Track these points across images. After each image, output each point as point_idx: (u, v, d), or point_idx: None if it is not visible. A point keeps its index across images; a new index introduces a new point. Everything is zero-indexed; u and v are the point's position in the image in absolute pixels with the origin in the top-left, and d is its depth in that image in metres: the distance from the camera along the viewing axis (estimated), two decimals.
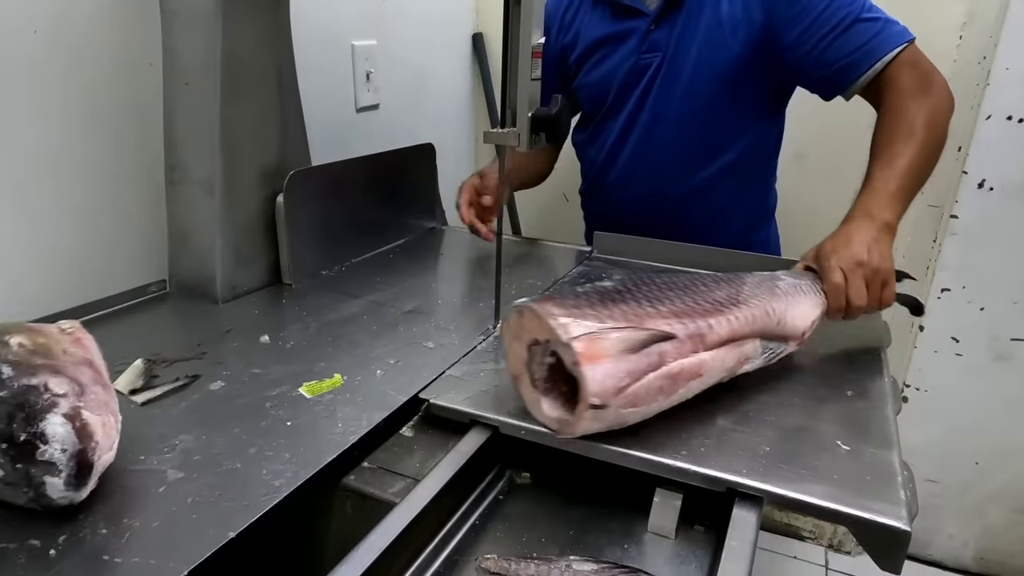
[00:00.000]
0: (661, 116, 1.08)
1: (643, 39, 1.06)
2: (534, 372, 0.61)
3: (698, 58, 1.02)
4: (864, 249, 0.77)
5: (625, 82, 1.09)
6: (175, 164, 0.88)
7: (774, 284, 0.74)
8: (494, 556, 0.58)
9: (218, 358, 0.75)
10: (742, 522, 0.55)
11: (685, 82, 1.04)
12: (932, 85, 0.91)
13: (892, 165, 0.85)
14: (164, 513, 0.51)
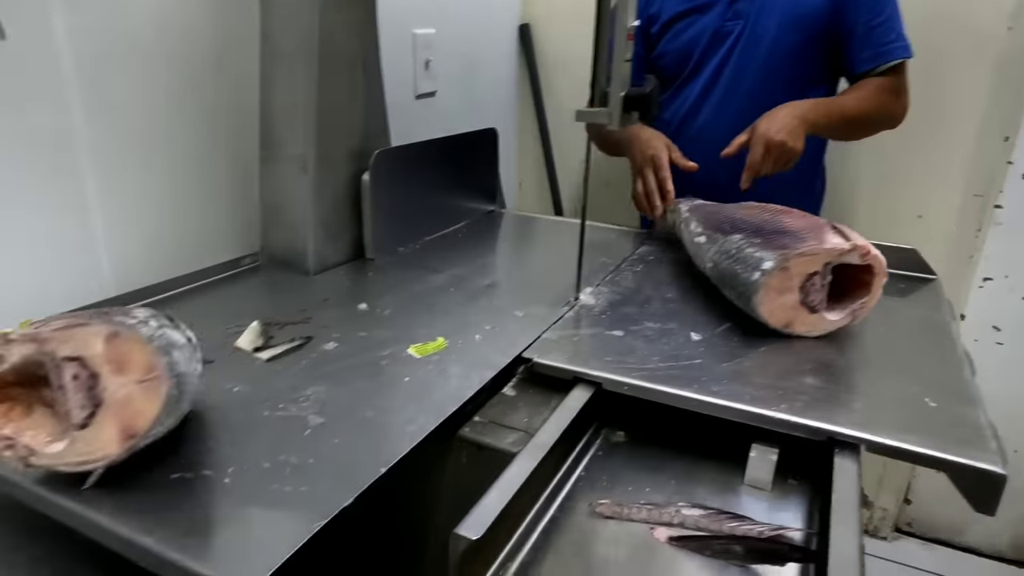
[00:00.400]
0: (739, 80, 1.17)
1: (728, 7, 1.15)
2: (812, 301, 0.77)
3: (779, 25, 1.12)
4: (778, 127, 1.01)
5: (706, 48, 1.17)
6: (270, 141, 0.93)
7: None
8: (607, 501, 0.62)
9: (324, 323, 0.79)
10: (844, 470, 0.58)
11: (766, 47, 1.14)
12: (897, 100, 1.14)
13: (838, 105, 1.09)
14: (316, 452, 0.55)
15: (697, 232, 0.95)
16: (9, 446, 0.46)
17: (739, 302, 0.81)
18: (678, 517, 0.60)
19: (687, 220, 1.00)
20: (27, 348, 0.47)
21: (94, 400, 0.48)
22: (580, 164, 1.91)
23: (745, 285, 0.78)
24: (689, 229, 0.98)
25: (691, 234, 0.96)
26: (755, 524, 0.59)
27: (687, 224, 1.00)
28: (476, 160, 1.26)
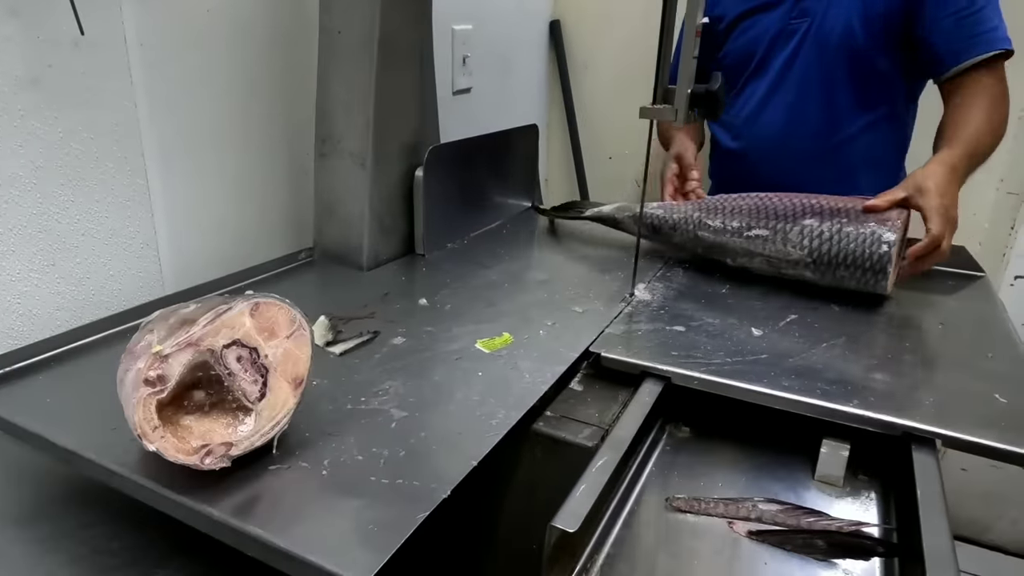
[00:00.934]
0: (806, 80, 1.13)
1: (794, 5, 1.11)
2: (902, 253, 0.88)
3: (848, 22, 1.07)
4: (955, 207, 0.89)
5: (769, 48, 1.15)
6: (327, 136, 0.93)
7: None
8: (684, 496, 0.63)
9: (388, 317, 0.80)
10: (924, 465, 0.59)
11: (834, 45, 1.09)
12: (1003, 99, 1.01)
13: (966, 141, 0.96)
14: (406, 444, 0.56)
15: (741, 227, 0.93)
16: (208, 453, 0.48)
17: (856, 280, 0.86)
18: (755, 512, 0.60)
19: (701, 220, 0.97)
20: (186, 355, 0.49)
21: (261, 371, 0.52)
22: (609, 161, 1.92)
23: (872, 259, 0.84)
24: (720, 226, 0.95)
25: (731, 231, 0.94)
26: (833, 519, 0.59)
27: (706, 223, 0.97)
28: (517, 156, 1.27)
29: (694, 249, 1.00)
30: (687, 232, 0.98)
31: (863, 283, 0.86)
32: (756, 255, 0.93)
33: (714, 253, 0.98)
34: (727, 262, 0.97)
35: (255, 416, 0.52)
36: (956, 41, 1.02)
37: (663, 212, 1.01)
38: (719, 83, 0.76)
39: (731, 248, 0.95)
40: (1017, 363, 0.74)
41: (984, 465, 1.76)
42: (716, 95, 0.76)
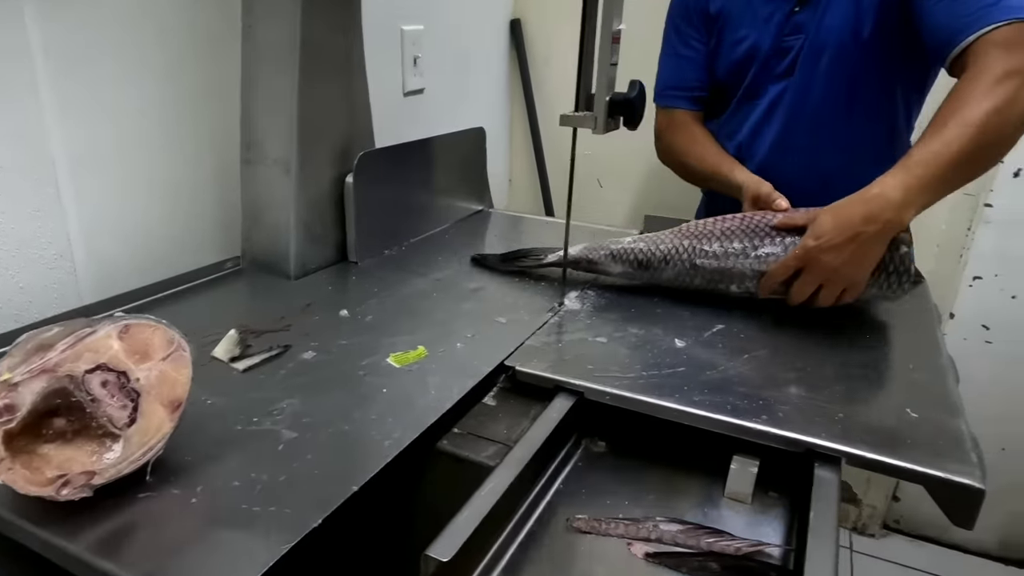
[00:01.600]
0: (804, 99, 1.04)
1: (786, 20, 1.02)
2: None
3: (841, 28, 0.98)
4: (847, 253, 0.77)
5: (764, 66, 1.05)
6: (252, 143, 0.91)
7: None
8: (584, 516, 0.61)
9: (304, 330, 0.78)
10: (824, 482, 0.58)
11: (830, 55, 1.00)
12: (1015, 75, 0.77)
13: (939, 153, 0.76)
14: (288, 469, 0.54)
15: (746, 247, 0.85)
16: (65, 483, 0.46)
17: (880, 287, 0.82)
18: (655, 532, 0.59)
19: (696, 247, 0.87)
20: (40, 382, 0.47)
21: (130, 395, 0.50)
22: None
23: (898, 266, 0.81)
24: (720, 250, 0.86)
25: (735, 253, 0.85)
26: (733, 540, 0.58)
27: (703, 249, 0.87)
28: (464, 159, 1.25)
29: (690, 282, 0.88)
30: (681, 263, 0.87)
31: (888, 290, 0.82)
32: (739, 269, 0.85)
33: (716, 282, 0.87)
34: (732, 290, 0.87)
35: (123, 443, 0.50)
36: (955, 18, 0.85)
37: (646, 245, 0.90)
38: (637, 91, 0.75)
39: (738, 272, 0.85)
40: (937, 373, 0.73)
41: None
42: (634, 103, 0.74)
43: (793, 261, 0.80)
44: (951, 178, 0.78)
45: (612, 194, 1.88)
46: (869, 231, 0.76)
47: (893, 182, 0.77)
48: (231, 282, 0.93)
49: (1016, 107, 0.76)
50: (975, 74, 0.79)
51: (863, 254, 0.77)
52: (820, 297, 0.80)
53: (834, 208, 0.79)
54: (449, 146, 1.18)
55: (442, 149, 1.17)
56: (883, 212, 0.75)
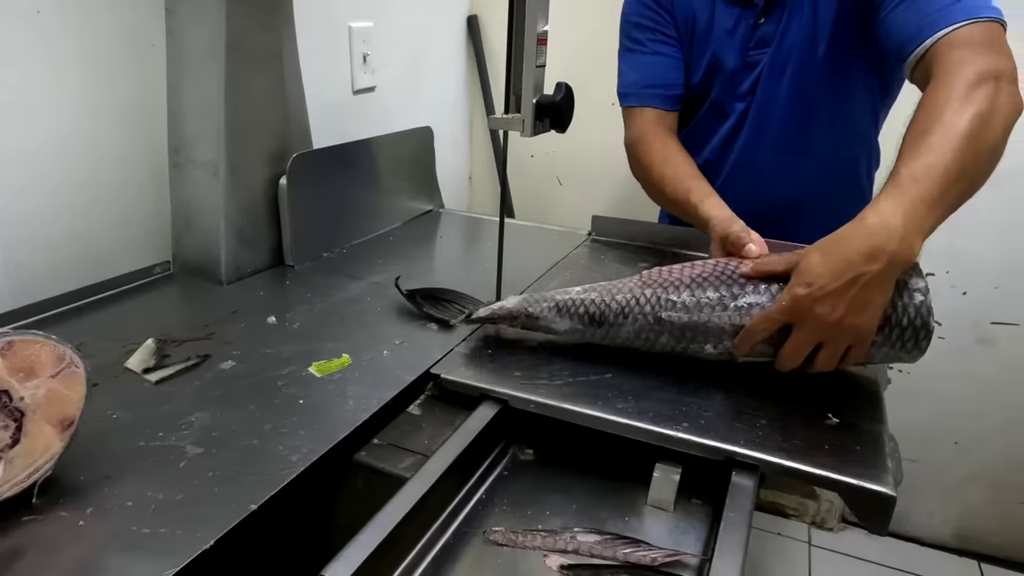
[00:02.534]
0: (767, 113, 1.00)
1: (751, 33, 0.98)
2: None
3: (800, 52, 0.95)
4: (846, 301, 0.63)
5: (729, 82, 1.01)
6: (179, 146, 0.89)
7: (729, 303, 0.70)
8: (501, 528, 0.60)
9: (227, 338, 0.76)
10: (740, 489, 0.58)
11: (793, 67, 0.96)
12: (988, 79, 0.70)
13: (932, 166, 0.65)
14: (187, 487, 0.53)
15: (724, 296, 0.70)
16: None
17: (898, 351, 0.69)
18: (573, 544, 0.58)
19: (661, 298, 0.72)
20: None
21: (13, 415, 0.48)
22: (530, 159, 1.89)
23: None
24: (692, 301, 0.71)
25: (710, 304, 0.70)
26: (651, 549, 0.57)
27: (670, 300, 0.72)
28: (411, 159, 1.23)
29: (655, 340, 0.72)
30: (643, 317, 0.72)
31: (902, 350, 0.70)
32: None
33: (688, 340, 0.71)
34: (707, 350, 0.71)
35: (4, 464, 0.48)
36: (916, 21, 0.79)
37: (599, 295, 0.74)
38: (563, 94, 0.73)
39: (715, 328, 0.69)
40: (867, 379, 0.73)
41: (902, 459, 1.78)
42: (559, 107, 0.73)
43: (779, 315, 0.65)
44: (951, 195, 0.65)
45: (572, 193, 1.88)
46: (872, 270, 0.62)
47: (890, 207, 0.64)
48: (160, 288, 0.90)
49: (997, 114, 0.69)
50: (945, 80, 0.72)
51: (867, 299, 0.63)
52: (820, 359, 0.66)
53: (824, 246, 0.66)
54: (394, 145, 1.17)
55: (387, 148, 1.15)
56: (887, 244, 0.62)
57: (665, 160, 1.01)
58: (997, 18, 0.75)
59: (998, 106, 0.69)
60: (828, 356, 0.65)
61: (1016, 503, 1.72)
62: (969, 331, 1.62)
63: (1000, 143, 0.70)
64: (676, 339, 0.72)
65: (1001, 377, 1.62)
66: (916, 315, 0.66)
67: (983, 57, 0.71)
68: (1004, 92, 0.70)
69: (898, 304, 0.66)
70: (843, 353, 0.66)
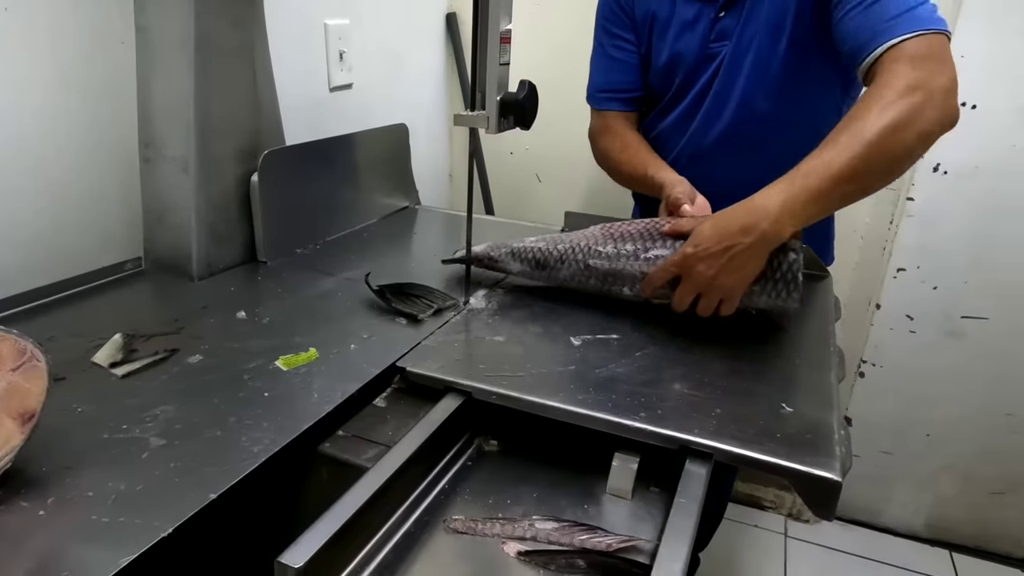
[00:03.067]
0: (723, 109, 1.03)
1: (711, 26, 1.01)
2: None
3: (759, 46, 0.97)
4: (721, 263, 0.74)
5: (690, 73, 1.04)
6: (149, 142, 0.89)
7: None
8: (461, 517, 0.62)
9: (195, 333, 0.77)
10: (692, 476, 0.59)
11: (750, 61, 0.99)
12: (920, 89, 0.73)
13: (828, 163, 0.73)
14: (148, 477, 0.54)
15: (637, 249, 0.84)
16: None
17: (768, 296, 0.79)
18: (531, 531, 0.60)
19: (591, 248, 0.87)
20: None
21: None
22: (510, 156, 1.90)
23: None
24: (613, 251, 0.85)
25: (626, 255, 0.85)
26: (606, 535, 0.59)
27: (596, 250, 0.86)
28: (386, 156, 1.24)
29: (585, 282, 0.88)
30: (576, 263, 0.87)
31: (777, 298, 0.80)
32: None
33: (609, 283, 0.86)
34: (624, 292, 0.86)
35: None
36: (864, 29, 0.82)
37: (545, 244, 0.90)
38: (525, 92, 0.75)
39: (629, 274, 0.84)
40: (820, 368, 0.75)
41: (875, 452, 1.81)
42: (522, 104, 0.74)
43: (671, 267, 0.78)
44: (836, 193, 0.73)
45: (551, 190, 1.89)
46: (744, 242, 0.73)
47: (773, 193, 0.74)
48: (131, 284, 0.91)
49: (914, 125, 0.73)
50: (878, 87, 0.76)
51: (738, 265, 0.74)
52: (699, 307, 0.78)
53: (717, 216, 0.77)
54: (369, 142, 1.17)
55: (361, 145, 1.16)
56: (760, 223, 0.72)
57: (623, 146, 1.11)
58: (942, 30, 0.79)
59: (920, 117, 0.73)
60: (704, 305, 0.78)
61: (986, 494, 1.75)
62: (940, 325, 1.65)
63: (913, 151, 0.75)
64: (601, 282, 0.87)
65: (971, 370, 1.65)
66: (788, 270, 0.78)
67: (920, 69, 0.75)
68: (934, 104, 0.73)
69: (774, 262, 0.78)
70: (716, 305, 0.78)
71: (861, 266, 1.66)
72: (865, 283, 1.68)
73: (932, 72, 0.74)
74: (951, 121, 0.76)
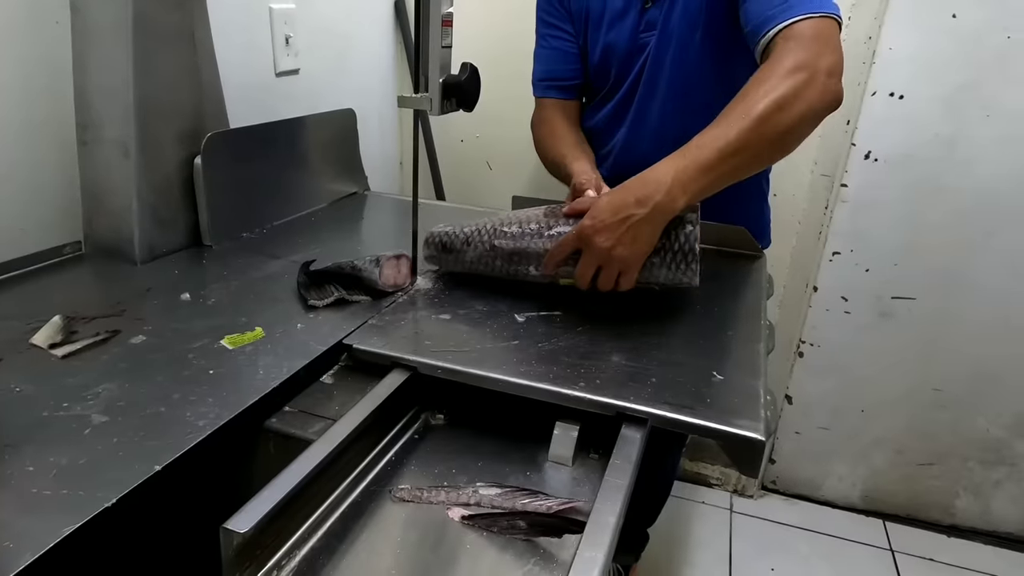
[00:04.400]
0: (651, 93, 1.06)
1: (640, 17, 1.04)
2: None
3: (680, 35, 1.00)
4: (618, 235, 0.75)
5: (623, 63, 1.07)
6: (87, 124, 0.88)
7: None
8: (407, 486, 0.63)
9: (138, 315, 0.77)
10: (628, 440, 0.62)
11: (675, 50, 1.02)
12: (804, 70, 0.77)
13: (717, 137, 0.76)
14: (90, 452, 0.54)
15: (541, 227, 0.85)
16: None
17: (668, 271, 0.81)
18: (475, 497, 0.62)
19: (496, 229, 0.87)
20: None
21: None
22: (461, 144, 1.91)
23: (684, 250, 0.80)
24: (518, 231, 0.86)
25: (531, 233, 0.85)
26: (547, 499, 0.61)
27: (501, 231, 0.87)
28: (334, 141, 1.24)
29: (492, 264, 0.87)
30: (482, 245, 0.87)
31: (677, 271, 0.81)
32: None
33: (516, 264, 0.86)
34: (531, 272, 0.86)
35: None
36: (762, 10, 0.86)
37: (452, 228, 0.90)
38: (467, 74, 0.76)
39: (533, 253, 0.84)
40: (750, 339, 0.79)
41: (814, 428, 1.90)
42: (463, 86, 0.76)
43: (570, 240, 0.79)
44: (726, 167, 0.76)
45: (502, 177, 1.91)
46: (639, 213, 0.75)
47: (667, 166, 0.76)
48: (71, 267, 0.89)
49: (798, 102, 0.76)
50: (767, 66, 0.80)
51: (633, 237, 0.75)
52: (599, 280, 0.79)
53: (613, 190, 0.79)
54: (315, 127, 1.17)
55: (307, 130, 1.15)
56: (654, 195, 0.74)
57: (550, 133, 1.14)
58: (832, 14, 0.83)
59: (804, 96, 0.77)
60: (604, 279, 0.79)
61: (915, 465, 1.85)
62: (872, 306, 1.73)
63: (797, 128, 0.79)
64: (506, 262, 0.86)
65: (901, 347, 1.74)
66: (685, 242, 0.79)
67: (806, 51, 0.79)
68: (817, 84, 0.77)
69: (671, 234, 0.79)
70: (616, 278, 0.78)
71: (798, 250, 1.73)
72: (803, 267, 1.75)
73: (818, 54, 0.78)
74: (834, 100, 0.80)
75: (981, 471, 1.81)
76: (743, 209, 1.17)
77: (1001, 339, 1.67)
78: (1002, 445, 1.77)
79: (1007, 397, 1.72)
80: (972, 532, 1.87)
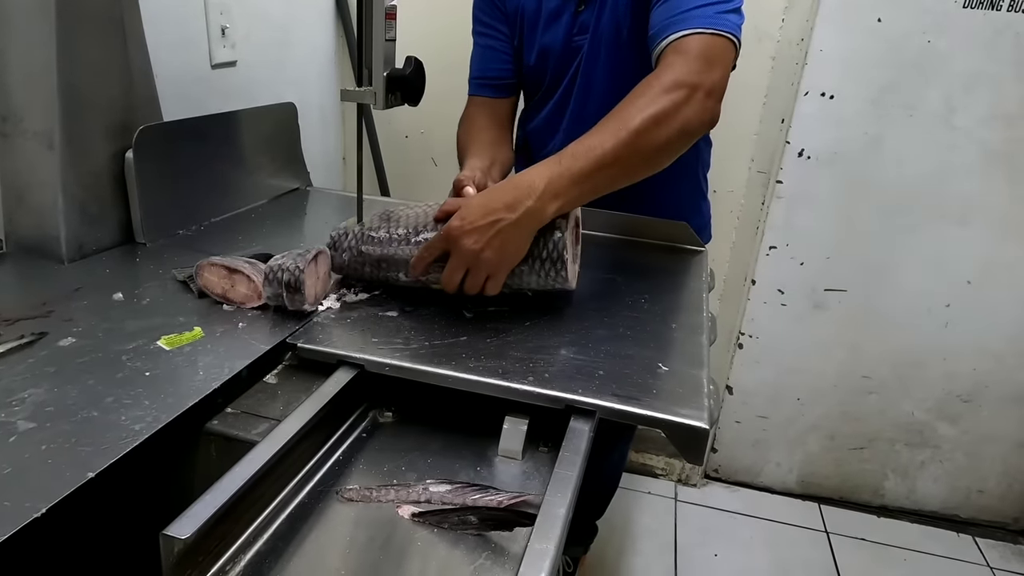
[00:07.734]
0: (586, 101, 1.06)
1: (573, 20, 1.03)
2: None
3: (610, 37, 1.00)
4: (487, 238, 0.73)
5: (558, 65, 1.07)
6: (7, 115, 0.83)
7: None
8: (356, 486, 0.62)
9: (66, 316, 0.73)
10: (576, 432, 0.63)
11: (607, 52, 1.02)
12: (684, 88, 0.78)
13: (593, 148, 0.76)
14: (16, 460, 0.51)
15: (408, 233, 0.81)
16: None
17: (538, 276, 0.80)
18: (425, 494, 0.62)
19: (365, 234, 0.83)
20: None
21: None
22: (405, 140, 1.89)
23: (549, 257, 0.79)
24: (385, 236, 0.82)
25: (397, 239, 0.81)
26: (497, 493, 0.62)
27: (369, 235, 0.82)
28: (274, 135, 1.21)
29: (362, 270, 0.83)
30: (350, 250, 0.82)
31: (546, 277, 0.81)
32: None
33: (385, 270, 0.82)
34: (401, 278, 0.82)
35: None
36: (659, 20, 0.86)
37: (343, 225, 0.85)
38: (412, 68, 0.76)
39: (401, 259, 0.80)
40: (693, 331, 0.81)
41: (753, 417, 1.96)
42: (408, 79, 0.75)
43: (438, 242, 0.76)
44: (600, 177, 0.76)
45: (447, 173, 1.89)
46: (509, 217, 0.73)
47: (540, 171, 0.75)
48: None
49: (675, 119, 0.77)
50: (650, 79, 0.80)
51: (503, 241, 0.74)
52: (467, 284, 0.77)
53: (485, 192, 0.78)
54: (254, 121, 1.14)
55: (246, 124, 1.12)
56: (525, 200, 0.73)
57: (468, 131, 1.13)
58: (726, 33, 0.82)
59: (680, 114, 0.77)
60: (471, 282, 0.76)
61: (847, 449, 1.94)
62: (807, 297, 1.80)
63: (672, 144, 0.79)
64: (375, 268, 0.82)
65: (833, 338, 1.82)
66: (553, 249, 0.78)
67: (689, 67, 0.79)
68: (694, 103, 0.78)
69: (541, 241, 0.78)
70: (484, 281, 0.76)
71: (737, 245, 1.78)
72: (741, 261, 1.80)
73: (700, 72, 0.79)
74: (711, 120, 0.81)
75: (907, 453, 1.91)
76: (684, 206, 1.20)
77: (923, 328, 1.76)
78: (926, 428, 1.87)
79: (930, 383, 1.82)
80: (900, 512, 1.97)
